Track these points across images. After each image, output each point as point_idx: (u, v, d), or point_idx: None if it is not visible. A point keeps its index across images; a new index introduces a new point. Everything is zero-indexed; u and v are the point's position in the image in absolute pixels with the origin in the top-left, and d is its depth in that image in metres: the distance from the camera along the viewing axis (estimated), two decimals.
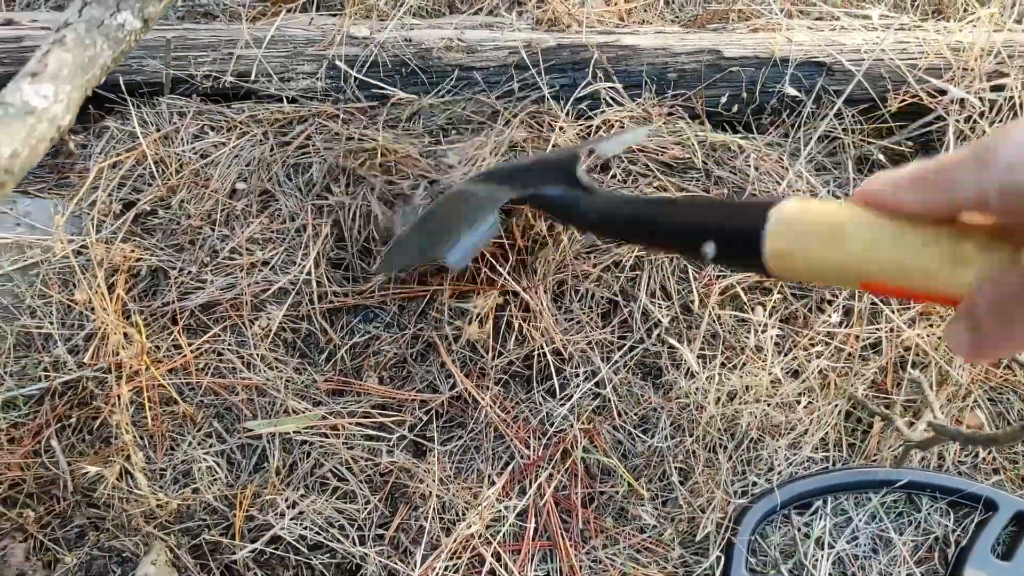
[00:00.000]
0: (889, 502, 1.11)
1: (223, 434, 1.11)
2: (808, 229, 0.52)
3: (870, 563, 1.07)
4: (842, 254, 0.50)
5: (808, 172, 1.26)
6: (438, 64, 1.26)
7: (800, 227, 0.53)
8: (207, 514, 1.06)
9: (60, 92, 0.58)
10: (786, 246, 0.53)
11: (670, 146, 1.24)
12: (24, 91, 0.58)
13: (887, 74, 1.25)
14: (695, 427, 1.11)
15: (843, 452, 1.12)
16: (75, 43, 0.61)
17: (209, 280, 1.16)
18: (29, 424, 1.08)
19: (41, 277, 1.14)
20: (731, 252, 0.62)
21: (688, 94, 1.27)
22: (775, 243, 0.54)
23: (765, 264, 0.55)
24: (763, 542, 1.08)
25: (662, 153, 1.24)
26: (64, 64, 0.58)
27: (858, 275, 0.49)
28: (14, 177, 0.55)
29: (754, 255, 0.55)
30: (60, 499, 1.06)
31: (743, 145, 1.25)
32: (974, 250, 0.44)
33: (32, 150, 0.55)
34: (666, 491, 1.11)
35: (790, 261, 0.54)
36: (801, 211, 0.53)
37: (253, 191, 1.21)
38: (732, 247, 0.62)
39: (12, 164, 0.54)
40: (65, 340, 1.11)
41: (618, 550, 1.07)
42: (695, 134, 1.23)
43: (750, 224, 0.55)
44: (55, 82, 0.57)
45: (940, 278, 0.45)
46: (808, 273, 0.54)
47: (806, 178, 1.25)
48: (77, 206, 1.18)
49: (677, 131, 1.23)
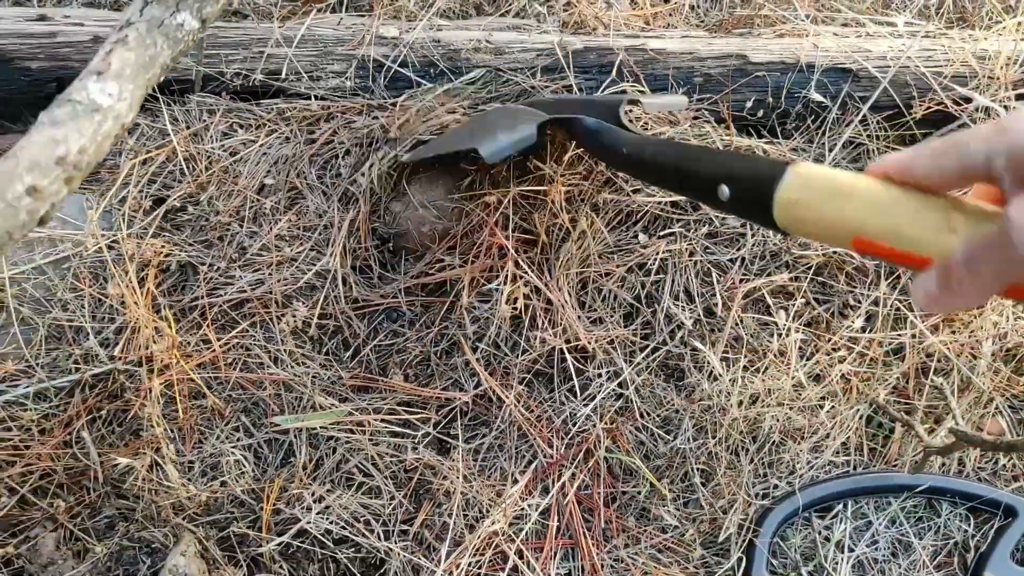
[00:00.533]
0: (909, 507, 1.11)
1: (251, 428, 1.13)
2: (817, 184, 0.57)
3: (890, 567, 1.08)
4: (842, 210, 0.54)
5: None
6: (467, 65, 1.27)
7: (811, 182, 0.57)
8: (235, 507, 1.07)
9: (124, 90, 0.59)
10: (794, 197, 0.58)
11: None
12: (91, 89, 0.59)
13: (912, 81, 1.25)
14: (717, 429, 1.12)
15: (864, 456, 1.13)
16: (137, 42, 0.62)
17: (238, 276, 1.17)
18: (60, 416, 1.09)
19: (72, 271, 1.15)
20: (744, 197, 0.67)
21: (714, 98, 1.28)
22: (785, 193, 0.59)
23: (772, 212, 0.60)
24: (783, 544, 1.09)
25: None
26: (127, 63, 0.60)
27: (852, 231, 0.53)
28: (81, 173, 0.56)
29: (766, 202, 0.60)
30: (90, 490, 1.08)
31: (768, 150, 1.26)
32: (963, 221, 0.48)
33: (98, 147, 0.56)
34: (688, 492, 1.12)
35: (795, 211, 0.59)
36: (816, 171, 0.57)
37: (281, 188, 1.22)
38: (746, 192, 0.66)
39: (80, 160, 0.55)
40: (96, 333, 1.13)
41: (640, 549, 1.08)
42: (720, 138, 1.24)
43: (768, 174, 0.61)
44: (119, 80, 0.59)
45: (927, 241, 0.49)
46: (809, 226, 0.59)
47: None
48: (108, 202, 1.20)
49: (703, 135, 1.24)
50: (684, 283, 1.18)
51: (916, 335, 1.15)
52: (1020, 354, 1.15)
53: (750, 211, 0.66)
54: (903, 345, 1.15)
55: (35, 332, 1.13)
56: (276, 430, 1.12)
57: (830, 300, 1.21)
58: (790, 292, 1.21)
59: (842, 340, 1.15)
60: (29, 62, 1.26)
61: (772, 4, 1.43)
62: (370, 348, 1.17)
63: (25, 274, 1.14)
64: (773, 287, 1.19)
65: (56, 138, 0.54)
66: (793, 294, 1.20)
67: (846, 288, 1.21)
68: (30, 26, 1.27)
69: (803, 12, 1.38)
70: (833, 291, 1.21)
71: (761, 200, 0.61)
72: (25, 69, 1.26)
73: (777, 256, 1.22)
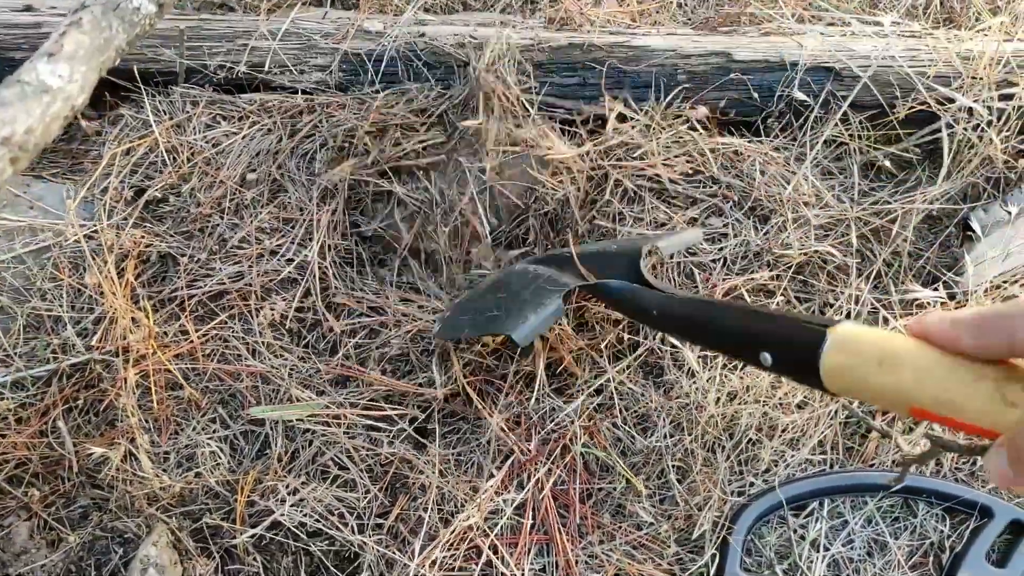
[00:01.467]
0: (885, 506, 1.11)
1: (227, 420, 1.13)
2: (864, 351, 0.55)
3: (865, 567, 1.08)
4: (895, 380, 0.53)
5: (814, 176, 1.27)
6: (451, 60, 1.27)
7: (856, 349, 0.56)
8: (209, 498, 1.07)
9: (75, 72, 0.59)
10: (842, 366, 0.57)
11: (676, 158, 1.24)
12: (40, 70, 0.59)
13: (896, 81, 1.25)
14: (694, 426, 1.11)
15: (840, 455, 1.13)
16: (91, 25, 0.62)
17: (218, 268, 1.17)
18: (36, 405, 1.09)
19: (52, 261, 1.16)
20: (789, 364, 0.66)
21: (697, 96, 1.28)
22: (832, 361, 0.58)
23: (822, 380, 0.59)
24: (758, 542, 1.09)
25: (671, 167, 1.24)
26: (80, 45, 0.60)
27: (908, 401, 0.52)
28: (28, 154, 0.56)
29: (812, 371, 0.59)
30: (65, 479, 1.08)
31: (749, 149, 1.26)
32: (1021, 392, 0.47)
33: (46, 128, 0.56)
34: (664, 489, 1.12)
35: (845, 381, 0.57)
36: (858, 334, 0.57)
37: (263, 180, 1.22)
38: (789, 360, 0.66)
39: (26, 141, 0.55)
40: (74, 323, 1.13)
41: (614, 546, 1.08)
42: (702, 139, 1.24)
43: (808, 340, 0.60)
44: (71, 63, 0.59)
45: (987, 415, 0.48)
46: (862, 393, 0.58)
47: (811, 182, 1.26)
48: (89, 191, 1.20)
49: (682, 137, 1.24)
50: (664, 281, 1.18)
51: None
52: None
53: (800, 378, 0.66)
54: None
55: (13, 321, 1.14)
56: (252, 422, 1.11)
57: (811, 299, 1.21)
58: (771, 290, 1.21)
59: None
60: (13, 52, 1.26)
61: (759, 2, 1.43)
62: (348, 342, 1.17)
63: (4, 263, 1.14)
64: (754, 285, 1.19)
65: (3, 119, 0.54)
66: (774, 292, 1.20)
67: (827, 287, 1.21)
68: (15, 16, 1.28)
69: (789, 11, 1.38)
70: (814, 290, 1.21)
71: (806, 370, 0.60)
72: (9, 59, 1.26)
73: (759, 256, 1.22)
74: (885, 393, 0.54)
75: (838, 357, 0.57)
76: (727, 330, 0.79)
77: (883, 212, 1.26)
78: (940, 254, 1.26)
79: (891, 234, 1.24)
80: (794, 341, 0.63)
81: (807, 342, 0.60)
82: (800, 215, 1.23)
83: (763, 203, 1.24)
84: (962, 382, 0.49)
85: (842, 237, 1.24)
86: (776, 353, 0.67)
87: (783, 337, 0.66)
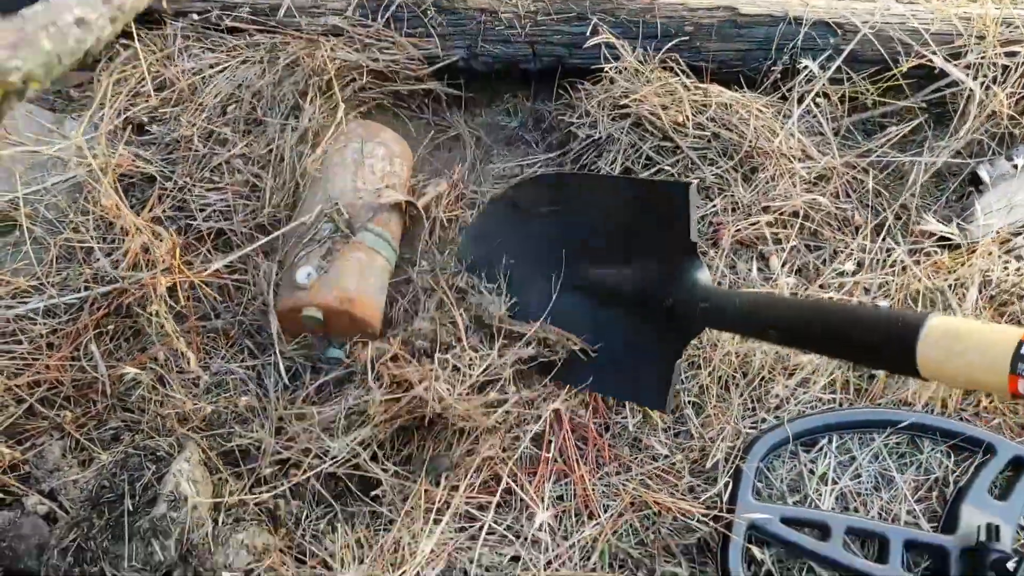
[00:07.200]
0: (892, 443, 1.15)
1: (255, 351, 1.16)
2: (960, 341, 0.61)
3: (872, 499, 1.11)
4: (989, 360, 0.58)
5: (801, 130, 1.31)
6: (463, 6, 1.31)
7: (951, 340, 0.62)
8: (238, 423, 1.09)
9: None
10: (937, 354, 0.63)
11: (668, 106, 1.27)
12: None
13: (898, 38, 1.29)
14: (709, 364, 1.15)
15: (850, 395, 1.17)
16: None
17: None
18: (67, 330, 1.12)
19: (85, 194, 1.18)
20: (886, 358, 0.72)
21: (700, 48, 1.32)
22: (927, 351, 0.63)
23: (918, 370, 0.65)
24: (770, 475, 1.12)
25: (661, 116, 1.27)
26: None
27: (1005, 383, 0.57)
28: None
29: (908, 362, 0.65)
30: (96, 402, 1.10)
31: (744, 102, 1.29)
32: None
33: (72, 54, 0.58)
34: (679, 423, 1.15)
35: (941, 368, 0.63)
36: (951, 325, 0.62)
37: None
38: (886, 353, 0.71)
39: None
40: (106, 255, 1.15)
41: (631, 476, 1.11)
42: (695, 89, 1.28)
43: (903, 334, 0.65)
44: None
45: None
46: (958, 379, 0.64)
47: (798, 137, 1.29)
48: (90, 121, 1.22)
49: (673, 89, 1.27)
50: None
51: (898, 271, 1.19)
52: (1003, 299, 1.19)
53: (896, 369, 0.74)
54: (888, 282, 1.19)
55: (47, 252, 1.16)
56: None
57: (822, 248, 1.25)
58: (779, 239, 1.24)
59: (831, 280, 1.19)
60: None
61: None
62: None
63: (38, 194, 1.17)
64: (760, 233, 1.23)
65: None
66: (780, 240, 1.24)
67: (838, 237, 1.25)
68: None
69: None
70: (823, 239, 1.25)
71: (903, 361, 0.65)
72: None
73: (768, 210, 1.26)
74: (981, 374, 0.59)
75: (933, 348, 0.63)
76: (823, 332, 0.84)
77: (889, 165, 1.30)
78: (946, 208, 1.30)
79: (901, 188, 1.28)
80: (890, 336, 0.69)
81: (902, 336, 0.65)
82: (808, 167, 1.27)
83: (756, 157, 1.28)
84: None
85: (851, 190, 1.29)
86: (872, 349, 0.73)
87: (878, 333, 0.72)
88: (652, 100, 1.23)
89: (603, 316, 1.14)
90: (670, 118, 1.22)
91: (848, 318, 0.85)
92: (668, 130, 1.23)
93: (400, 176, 1.21)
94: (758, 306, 0.96)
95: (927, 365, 0.63)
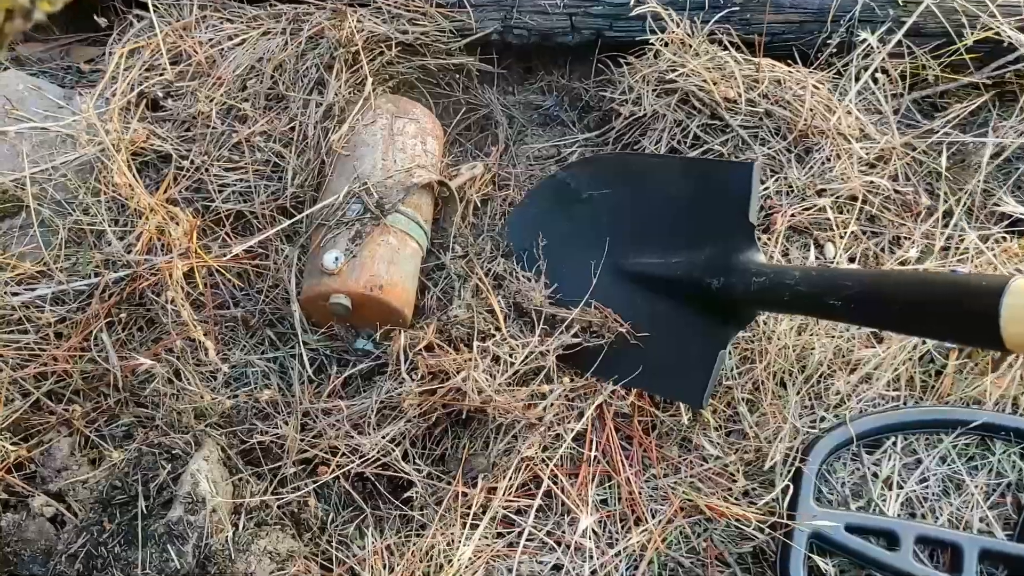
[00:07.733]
0: (960, 444, 1.06)
1: (276, 341, 1.08)
2: None
3: (940, 505, 1.03)
4: None
5: (859, 108, 1.22)
6: None
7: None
8: (259, 419, 1.02)
9: None
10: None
11: (718, 81, 1.19)
12: None
13: (963, 8, 1.21)
14: (764, 357, 1.07)
15: (916, 392, 1.08)
16: None
17: None
18: (77, 318, 1.04)
19: (96, 174, 1.11)
20: (966, 330, 0.66)
21: (751, 19, 1.24)
22: (1012, 318, 0.57)
23: (1003, 340, 0.58)
24: (831, 478, 1.04)
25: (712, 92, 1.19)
26: None
27: None
28: None
29: (992, 333, 0.58)
30: (107, 396, 1.03)
31: (797, 77, 1.21)
32: None
33: None
34: (731, 422, 1.07)
35: None
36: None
37: None
38: (967, 325, 0.65)
39: None
40: (119, 238, 1.08)
41: (680, 479, 1.03)
42: (745, 63, 1.20)
43: (984, 298, 0.59)
44: None
45: None
46: None
47: (856, 115, 1.21)
48: (101, 96, 1.15)
49: (723, 63, 1.19)
50: None
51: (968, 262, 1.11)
52: None
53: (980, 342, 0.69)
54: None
55: (55, 235, 1.09)
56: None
57: (880, 234, 1.17)
58: (834, 225, 1.16)
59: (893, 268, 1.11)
60: None
61: None
62: None
63: (46, 174, 1.10)
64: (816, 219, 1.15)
65: None
66: (837, 227, 1.16)
67: (898, 222, 1.17)
68: None
69: None
70: (884, 226, 1.17)
71: (986, 332, 0.59)
72: None
73: (824, 193, 1.18)
74: None
75: (1018, 314, 0.56)
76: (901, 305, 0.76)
77: (951, 146, 1.22)
78: (1014, 193, 1.22)
79: (961, 171, 1.20)
80: (971, 306, 0.62)
81: (983, 305, 0.59)
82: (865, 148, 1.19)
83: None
84: None
85: (911, 173, 1.20)
86: (951, 321, 0.66)
87: (958, 303, 0.65)
88: (701, 74, 1.15)
89: (646, 306, 1.06)
90: (720, 93, 1.14)
91: (922, 281, 0.78)
92: (717, 107, 1.15)
93: (432, 155, 1.13)
94: (821, 277, 0.88)
95: (1013, 332, 0.57)
